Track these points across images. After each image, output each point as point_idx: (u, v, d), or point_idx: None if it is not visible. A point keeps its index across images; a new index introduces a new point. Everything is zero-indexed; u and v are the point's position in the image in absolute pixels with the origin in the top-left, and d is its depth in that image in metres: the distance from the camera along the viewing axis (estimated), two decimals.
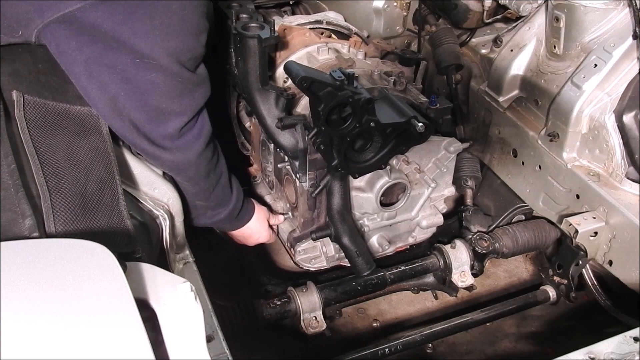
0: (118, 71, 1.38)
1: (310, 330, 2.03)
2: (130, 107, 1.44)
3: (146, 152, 1.57)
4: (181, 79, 1.47)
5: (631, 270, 1.95)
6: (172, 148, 1.56)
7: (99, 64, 1.37)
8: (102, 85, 1.40)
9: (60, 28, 1.31)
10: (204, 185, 1.75)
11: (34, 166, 1.30)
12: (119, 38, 1.33)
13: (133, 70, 1.39)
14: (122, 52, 1.35)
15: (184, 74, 1.47)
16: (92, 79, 1.39)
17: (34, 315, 0.96)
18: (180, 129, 1.54)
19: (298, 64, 1.77)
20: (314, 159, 1.90)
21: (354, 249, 2.02)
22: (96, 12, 1.28)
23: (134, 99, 1.44)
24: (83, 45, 1.34)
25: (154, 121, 1.49)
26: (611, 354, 1.41)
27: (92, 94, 1.42)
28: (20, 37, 1.34)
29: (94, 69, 1.37)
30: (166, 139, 1.54)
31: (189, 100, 1.53)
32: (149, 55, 1.37)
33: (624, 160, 2.01)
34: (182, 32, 1.41)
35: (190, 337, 1.10)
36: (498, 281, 2.58)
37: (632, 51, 1.99)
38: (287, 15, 2.63)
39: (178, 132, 1.54)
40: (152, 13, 1.33)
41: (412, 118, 1.79)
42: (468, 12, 2.51)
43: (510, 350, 2.28)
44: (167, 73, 1.43)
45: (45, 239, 1.24)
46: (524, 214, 2.48)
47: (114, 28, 1.31)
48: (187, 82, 1.49)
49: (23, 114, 1.34)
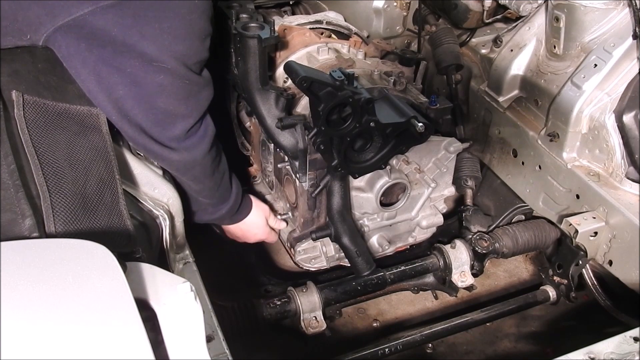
0: (126, 74, 1.40)
1: (310, 330, 2.03)
2: (137, 109, 1.47)
3: (154, 153, 1.60)
4: (188, 81, 1.49)
5: (631, 270, 1.95)
6: (179, 149, 1.59)
7: (108, 67, 1.39)
8: (109, 88, 1.42)
9: (71, 32, 1.33)
10: (208, 184, 1.77)
11: (34, 166, 1.30)
12: (128, 41, 1.35)
13: (141, 73, 1.41)
14: (131, 55, 1.37)
15: (191, 77, 1.50)
16: (101, 82, 1.41)
17: (34, 315, 0.96)
18: (187, 130, 1.57)
19: (298, 64, 1.77)
20: (314, 159, 1.90)
21: (354, 249, 2.02)
22: (106, 16, 1.31)
23: (142, 102, 1.46)
24: (92, 48, 1.36)
25: (162, 123, 1.52)
26: (611, 354, 1.41)
27: (100, 97, 1.44)
28: (28, 40, 1.36)
29: (102, 72, 1.39)
30: (173, 141, 1.57)
31: (195, 103, 1.56)
32: (157, 58, 1.39)
33: (624, 160, 2.01)
34: (189, 36, 1.43)
35: (190, 337, 1.10)
36: (498, 281, 2.58)
37: (632, 51, 1.99)
38: (287, 15, 2.63)
39: (185, 134, 1.57)
40: (161, 17, 1.36)
41: (412, 118, 1.79)
42: (468, 12, 2.51)
43: (510, 350, 2.28)
44: (175, 76, 1.45)
45: (46, 239, 1.24)
46: (524, 214, 2.48)
47: (124, 32, 1.34)
48: (193, 84, 1.52)
49: (23, 114, 1.34)
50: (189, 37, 1.43)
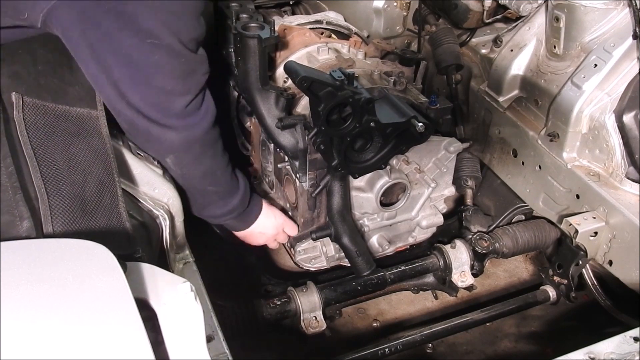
0: (122, 54, 1.40)
1: (310, 330, 2.03)
2: (135, 90, 1.46)
3: (154, 136, 1.57)
4: (184, 59, 1.48)
5: (631, 270, 1.95)
6: (178, 127, 1.57)
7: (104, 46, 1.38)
8: (106, 69, 1.42)
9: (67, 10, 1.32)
10: (209, 164, 1.73)
11: (32, 168, 1.30)
12: (123, 17, 1.35)
13: (136, 53, 1.40)
14: (126, 34, 1.37)
15: (187, 54, 1.49)
16: (98, 62, 1.41)
17: (34, 315, 0.96)
18: (186, 106, 1.55)
19: (298, 64, 1.77)
20: (314, 159, 1.90)
21: (354, 249, 2.02)
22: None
23: (139, 82, 1.45)
24: (88, 28, 1.36)
25: (159, 103, 1.51)
26: (611, 354, 1.41)
27: (98, 77, 1.44)
28: (27, 19, 1.35)
29: (99, 52, 1.39)
30: (172, 118, 1.55)
31: (192, 80, 1.55)
32: (152, 34, 1.39)
33: (624, 160, 2.01)
34: (183, 12, 1.43)
35: (190, 337, 1.10)
36: (498, 281, 2.58)
37: (632, 51, 1.99)
38: (287, 15, 2.63)
39: (184, 110, 1.55)
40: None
41: (412, 118, 1.79)
42: (468, 12, 2.50)
43: (510, 350, 2.28)
44: (171, 53, 1.45)
45: (46, 239, 1.24)
46: (524, 214, 2.48)
47: (118, 7, 1.33)
48: (189, 62, 1.51)
49: (22, 116, 1.34)
50: (183, 13, 1.43)
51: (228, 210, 1.88)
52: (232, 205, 1.87)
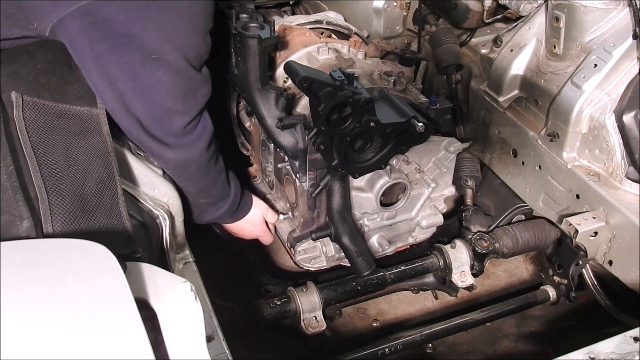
0: (126, 68, 1.41)
1: (310, 330, 2.03)
2: (136, 104, 1.48)
3: (150, 150, 1.60)
4: (187, 76, 1.50)
5: (631, 270, 1.95)
6: (175, 146, 1.60)
7: (109, 59, 1.40)
8: (111, 82, 1.43)
9: (75, 22, 1.34)
10: (204, 182, 1.77)
11: (32, 168, 1.30)
12: (130, 32, 1.36)
13: (140, 68, 1.42)
14: (132, 48, 1.39)
15: (190, 72, 1.50)
16: (103, 74, 1.42)
17: (34, 315, 0.96)
18: (184, 127, 1.58)
19: (298, 64, 1.77)
20: (314, 159, 1.90)
21: (354, 249, 2.02)
22: (110, 6, 1.33)
23: (141, 97, 1.47)
24: (96, 40, 1.37)
25: (159, 120, 1.53)
26: (611, 354, 1.41)
27: (102, 89, 1.45)
28: (35, 30, 1.37)
29: (104, 65, 1.41)
30: (170, 137, 1.57)
31: (193, 100, 1.57)
32: (158, 50, 1.41)
33: (624, 160, 2.01)
34: (190, 30, 1.45)
35: (190, 337, 1.10)
36: (498, 281, 2.58)
37: (632, 51, 1.99)
38: (287, 15, 2.63)
39: (182, 130, 1.58)
40: (163, 9, 1.38)
41: (412, 118, 1.79)
42: (468, 12, 2.51)
43: (510, 350, 2.28)
44: (174, 71, 1.46)
45: (46, 239, 1.24)
46: (524, 214, 2.48)
47: (126, 22, 1.35)
48: (192, 80, 1.52)
49: (22, 115, 1.34)
50: (189, 31, 1.45)
51: (218, 216, 1.94)
52: (221, 212, 1.92)
